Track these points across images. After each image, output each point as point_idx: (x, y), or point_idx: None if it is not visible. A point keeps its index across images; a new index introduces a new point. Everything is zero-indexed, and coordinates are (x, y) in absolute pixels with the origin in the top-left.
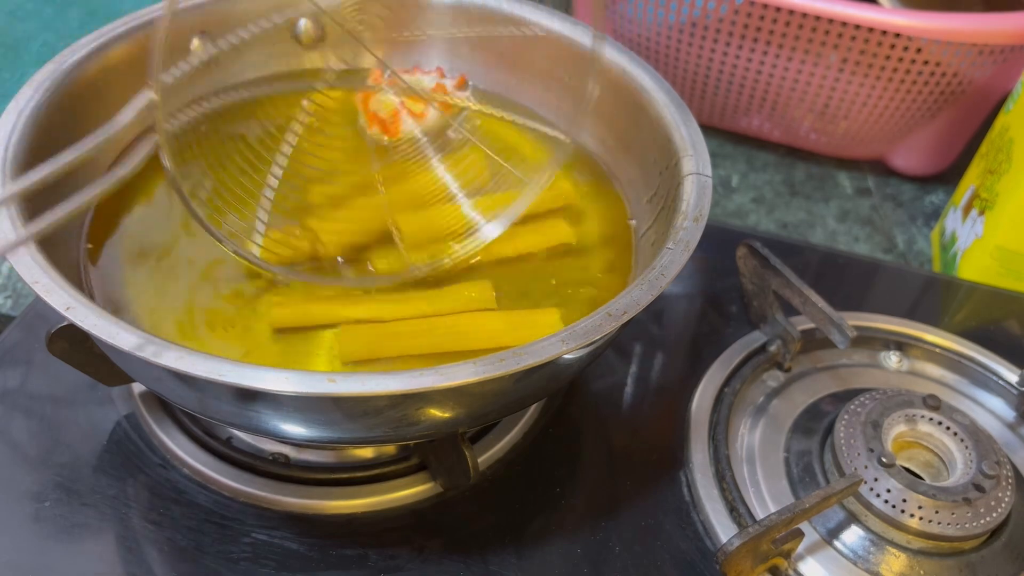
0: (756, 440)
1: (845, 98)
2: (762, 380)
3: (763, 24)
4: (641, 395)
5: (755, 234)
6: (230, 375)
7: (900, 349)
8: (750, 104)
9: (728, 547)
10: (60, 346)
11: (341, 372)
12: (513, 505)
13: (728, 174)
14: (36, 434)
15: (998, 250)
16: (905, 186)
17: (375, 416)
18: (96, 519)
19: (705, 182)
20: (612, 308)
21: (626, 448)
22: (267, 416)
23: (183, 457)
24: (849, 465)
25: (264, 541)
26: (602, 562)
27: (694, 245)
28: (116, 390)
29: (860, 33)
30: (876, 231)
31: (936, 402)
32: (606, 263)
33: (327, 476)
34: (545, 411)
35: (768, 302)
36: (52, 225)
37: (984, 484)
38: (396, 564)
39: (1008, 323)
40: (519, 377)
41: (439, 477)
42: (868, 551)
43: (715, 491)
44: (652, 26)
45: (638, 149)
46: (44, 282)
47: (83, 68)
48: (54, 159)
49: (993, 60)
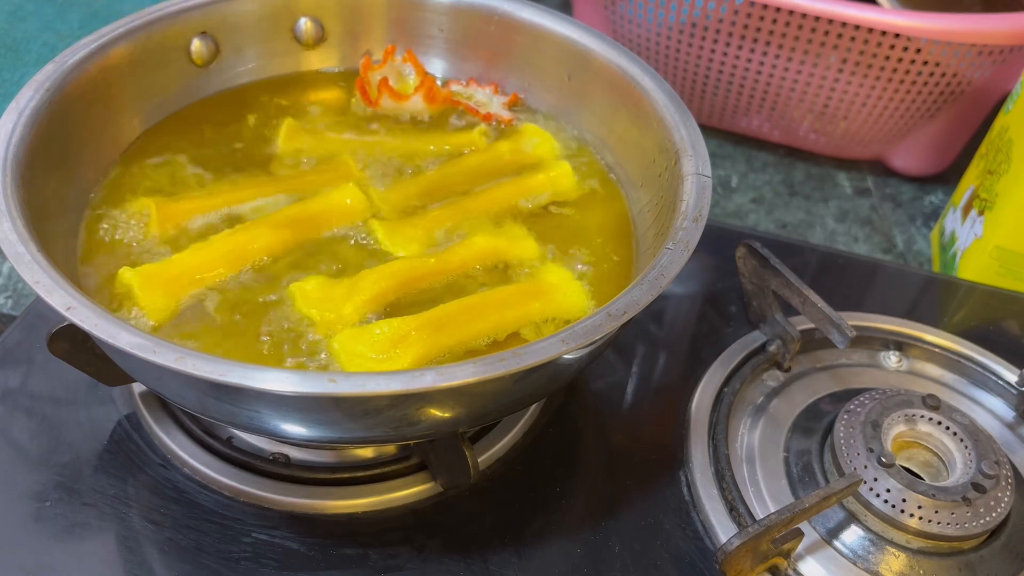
0: (756, 440)
1: (845, 98)
2: (762, 380)
3: (763, 24)
4: (641, 395)
5: (755, 234)
6: (230, 375)
7: (900, 349)
8: (750, 104)
9: (728, 547)
10: (61, 346)
11: (341, 372)
12: (513, 505)
13: (728, 174)
14: (37, 434)
15: (997, 250)
16: (904, 186)
17: (375, 416)
18: (97, 519)
19: (705, 182)
20: (612, 308)
21: (626, 448)
22: (267, 416)
23: (183, 457)
24: (849, 465)
25: (264, 541)
26: (602, 562)
27: (694, 245)
28: (117, 390)
29: (860, 33)
30: (875, 231)
31: (936, 402)
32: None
33: (327, 476)
34: (545, 411)
35: (768, 302)
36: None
37: (984, 484)
38: (396, 563)
39: (1008, 323)
40: (519, 377)
41: (439, 477)
42: (868, 551)
43: (715, 491)
44: (652, 26)
45: (638, 149)
46: (45, 282)
47: (83, 68)
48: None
49: (992, 60)
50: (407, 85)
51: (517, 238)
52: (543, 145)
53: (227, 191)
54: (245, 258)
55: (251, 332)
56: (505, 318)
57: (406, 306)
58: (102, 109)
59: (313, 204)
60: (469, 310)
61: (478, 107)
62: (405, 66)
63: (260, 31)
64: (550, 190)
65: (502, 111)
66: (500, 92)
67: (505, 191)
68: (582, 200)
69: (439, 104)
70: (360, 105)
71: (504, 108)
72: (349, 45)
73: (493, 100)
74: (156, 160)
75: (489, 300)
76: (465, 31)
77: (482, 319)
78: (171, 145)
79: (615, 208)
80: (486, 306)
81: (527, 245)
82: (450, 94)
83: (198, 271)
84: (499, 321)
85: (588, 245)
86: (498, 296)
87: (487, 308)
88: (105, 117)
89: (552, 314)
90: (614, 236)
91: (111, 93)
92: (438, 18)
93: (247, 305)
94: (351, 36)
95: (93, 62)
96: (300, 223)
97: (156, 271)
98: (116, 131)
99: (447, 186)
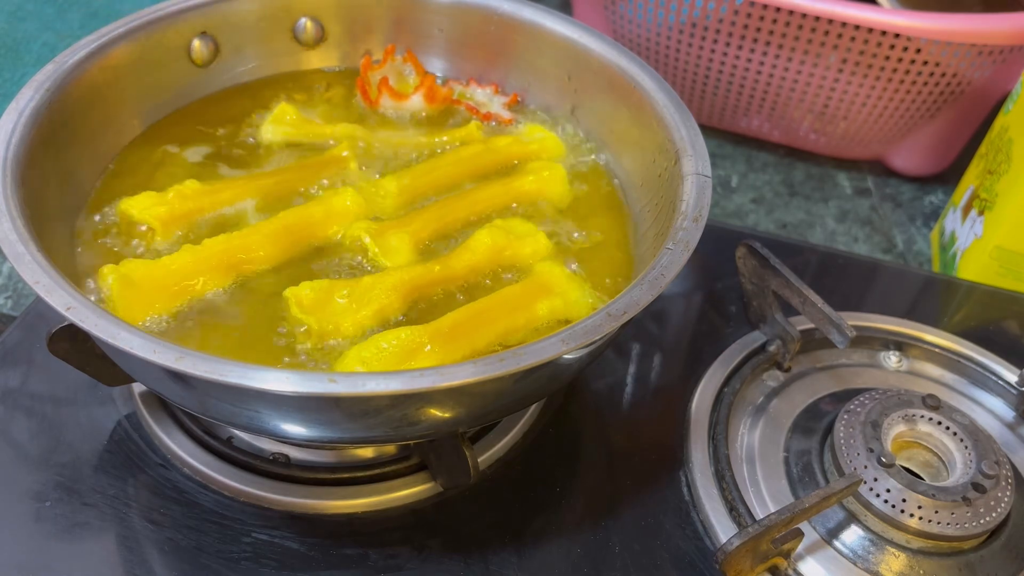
0: (756, 440)
1: (845, 98)
2: (762, 380)
3: (763, 24)
4: (641, 395)
5: (755, 234)
6: (230, 375)
7: (899, 349)
8: (750, 104)
9: (728, 547)
10: (61, 346)
11: (341, 372)
12: (513, 505)
13: (728, 174)
14: (37, 434)
15: (997, 250)
16: (904, 186)
17: (375, 416)
18: (97, 519)
19: (704, 182)
20: (612, 308)
21: (626, 448)
22: (267, 416)
23: (184, 457)
24: (849, 465)
25: (264, 541)
26: (602, 562)
27: (694, 245)
28: (117, 390)
29: (860, 33)
30: (875, 231)
31: (936, 402)
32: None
33: (327, 476)
34: (545, 411)
35: (767, 302)
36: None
37: (984, 484)
38: (396, 563)
39: (1007, 323)
40: (519, 377)
41: (439, 477)
42: (868, 551)
43: (715, 491)
44: (652, 26)
45: (638, 149)
46: (45, 282)
47: (83, 68)
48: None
49: (992, 60)
50: (407, 85)
51: (524, 235)
52: (544, 141)
53: (227, 189)
54: (237, 263)
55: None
56: (516, 322)
57: (414, 313)
58: (102, 109)
59: (311, 208)
60: (479, 315)
61: (478, 107)
62: (405, 66)
63: (260, 31)
64: (542, 192)
65: (502, 111)
66: (500, 92)
67: (495, 191)
68: (581, 200)
69: (439, 103)
70: (360, 104)
71: (504, 108)
72: (349, 45)
73: (493, 100)
74: (156, 160)
75: (498, 303)
76: (465, 31)
77: (494, 323)
78: (171, 145)
79: (615, 208)
80: (496, 310)
81: (537, 240)
82: (450, 93)
83: (186, 275)
84: (510, 326)
85: (588, 245)
86: (506, 297)
87: (497, 312)
88: (105, 117)
89: (563, 315)
90: (614, 236)
91: (111, 93)
92: (438, 18)
93: (241, 308)
94: (351, 36)
95: (93, 62)
96: (297, 229)
97: (141, 272)
98: (116, 131)
99: (443, 175)
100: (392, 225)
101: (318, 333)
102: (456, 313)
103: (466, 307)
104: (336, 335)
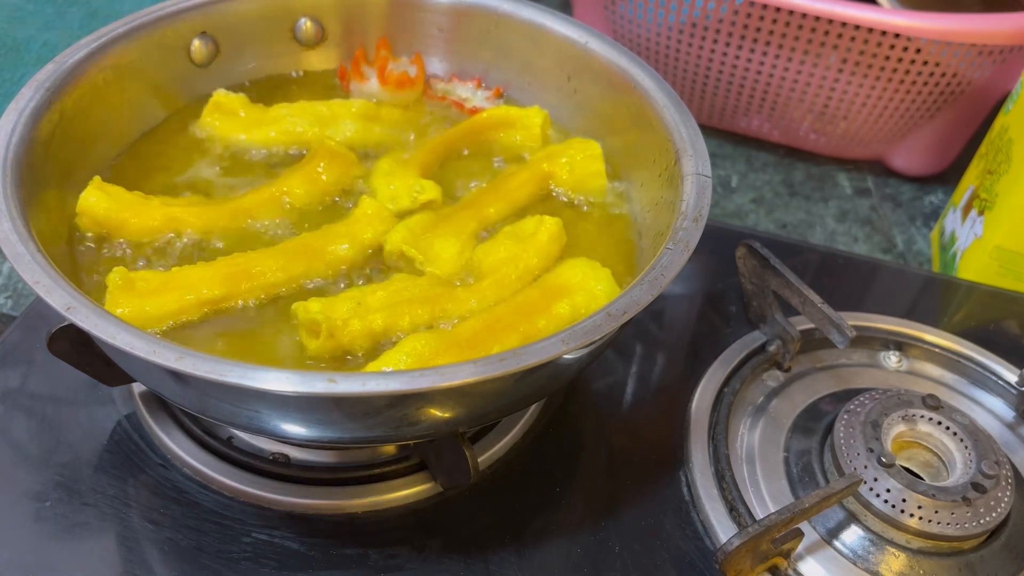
0: (756, 440)
1: (845, 98)
2: (762, 380)
3: (763, 24)
4: (641, 395)
5: (755, 234)
6: (230, 375)
7: (899, 349)
8: (750, 104)
9: (728, 547)
10: (61, 346)
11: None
12: (513, 505)
13: (728, 174)
14: (37, 434)
15: (997, 250)
16: (904, 186)
17: (375, 416)
18: (97, 519)
19: (704, 182)
20: (612, 308)
21: (626, 448)
22: (267, 416)
23: (184, 457)
24: (849, 465)
25: (264, 541)
26: (602, 562)
27: (694, 245)
28: (117, 390)
29: (860, 33)
30: (875, 231)
31: (936, 402)
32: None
33: (327, 476)
34: (545, 411)
35: (767, 302)
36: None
37: (984, 484)
38: (396, 563)
39: (1007, 323)
40: (519, 377)
41: (439, 477)
42: (868, 551)
43: (715, 491)
44: (652, 26)
45: (638, 149)
46: (45, 282)
47: (83, 68)
48: None
49: (992, 60)
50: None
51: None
52: (528, 112)
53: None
54: (247, 283)
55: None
56: (535, 325)
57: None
58: (102, 109)
59: (331, 231)
60: (497, 322)
61: (463, 103)
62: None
63: (260, 31)
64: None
65: (485, 104)
66: (483, 87)
67: (526, 176)
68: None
69: (392, 87)
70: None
71: (487, 101)
72: (349, 45)
73: (476, 94)
74: (156, 160)
75: (515, 308)
76: (465, 31)
77: (513, 329)
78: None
79: (615, 208)
80: (513, 315)
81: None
82: (404, 75)
83: (193, 289)
84: (530, 330)
85: (588, 245)
86: (523, 302)
87: (514, 318)
88: (105, 117)
89: (589, 311)
90: (614, 236)
91: (111, 93)
92: (438, 18)
93: (251, 323)
94: (351, 36)
95: (93, 62)
96: (313, 250)
97: (145, 281)
98: (116, 131)
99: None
100: (430, 229)
101: (331, 349)
102: (474, 321)
103: (484, 314)
104: (352, 349)
